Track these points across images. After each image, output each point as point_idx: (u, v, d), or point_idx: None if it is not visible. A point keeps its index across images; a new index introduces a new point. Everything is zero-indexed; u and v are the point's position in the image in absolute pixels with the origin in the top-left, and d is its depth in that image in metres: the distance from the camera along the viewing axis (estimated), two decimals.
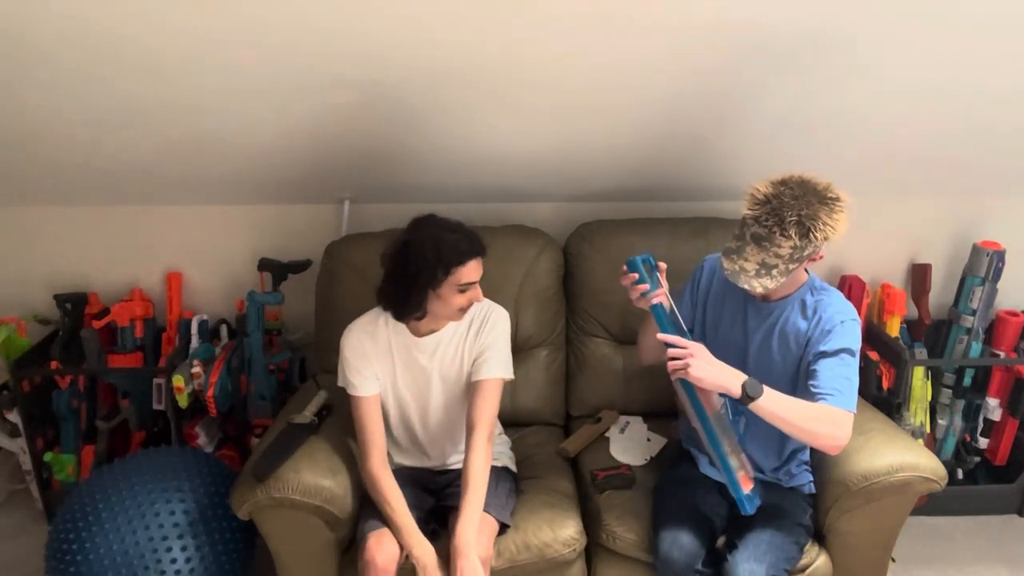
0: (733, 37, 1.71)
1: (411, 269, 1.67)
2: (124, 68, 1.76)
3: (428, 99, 1.93)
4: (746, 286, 1.59)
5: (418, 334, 1.81)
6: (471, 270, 1.69)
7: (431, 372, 1.83)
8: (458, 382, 1.85)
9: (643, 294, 1.64)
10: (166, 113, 1.95)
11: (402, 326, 1.80)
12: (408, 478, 1.85)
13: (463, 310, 1.74)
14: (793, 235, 1.53)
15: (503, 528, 1.77)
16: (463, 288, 1.70)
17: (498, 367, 1.81)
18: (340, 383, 1.84)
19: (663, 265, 1.69)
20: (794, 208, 1.54)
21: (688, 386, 1.63)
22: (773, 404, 1.57)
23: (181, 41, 1.67)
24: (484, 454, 1.73)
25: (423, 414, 1.87)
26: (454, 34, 1.67)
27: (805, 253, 1.57)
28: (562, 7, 1.59)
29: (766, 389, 1.57)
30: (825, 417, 1.59)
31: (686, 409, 1.70)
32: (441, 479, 1.92)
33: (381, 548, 1.66)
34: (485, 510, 1.71)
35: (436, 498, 1.87)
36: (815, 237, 1.54)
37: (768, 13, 1.63)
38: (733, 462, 1.68)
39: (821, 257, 1.62)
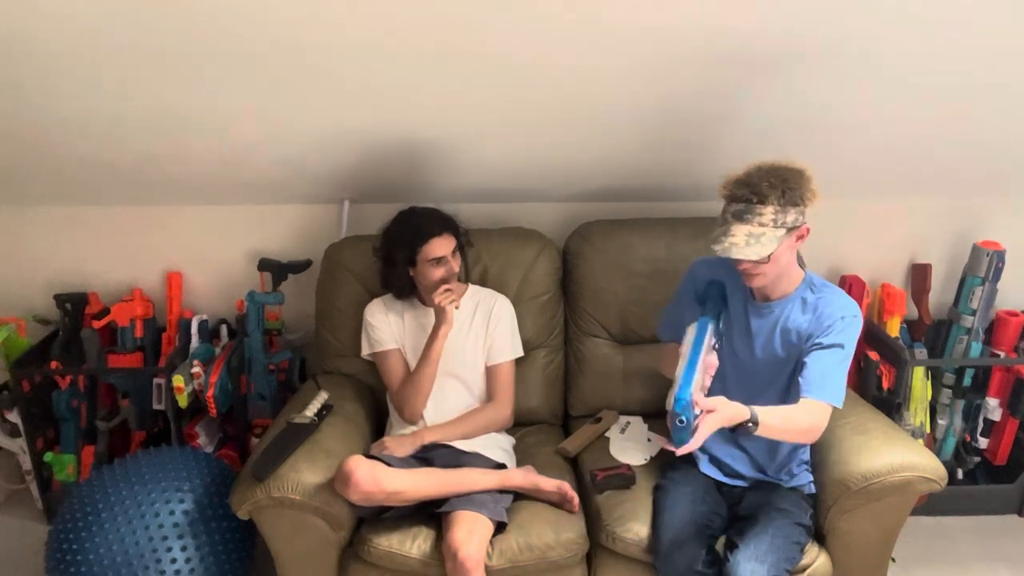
0: (731, 41, 1.71)
1: (391, 252, 1.99)
2: (124, 71, 1.76)
3: (428, 100, 1.93)
4: (740, 256, 1.58)
5: (427, 305, 2.05)
6: (436, 245, 1.94)
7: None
8: (468, 362, 2.06)
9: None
10: (166, 115, 1.95)
11: (415, 298, 2.08)
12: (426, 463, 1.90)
13: (444, 281, 1.96)
14: (771, 199, 1.57)
15: (502, 526, 1.78)
16: (433, 262, 1.94)
17: (507, 351, 2.10)
18: (364, 353, 2.13)
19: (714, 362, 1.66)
20: (765, 178, 1.58)
21: (699, 337, 1.63)
22: (766, 430, 1.57)
23: (180, 45, 1.67)
24: (486, 412, 2.04)
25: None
26: (452, 36, 1.67)
27: (788, 218, 1.58)
28: (561, 11, 1.59)
29: (760, 416, 1.54)
30: (810, 422, 1.63)
31: (681, 353, 1.61)
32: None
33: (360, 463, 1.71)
34: (478, 511, 1.73)
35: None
36: (793, 198, 1.57)
37: (767, 19, 1.64)
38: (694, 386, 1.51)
39: (808, 230, 1.64)
